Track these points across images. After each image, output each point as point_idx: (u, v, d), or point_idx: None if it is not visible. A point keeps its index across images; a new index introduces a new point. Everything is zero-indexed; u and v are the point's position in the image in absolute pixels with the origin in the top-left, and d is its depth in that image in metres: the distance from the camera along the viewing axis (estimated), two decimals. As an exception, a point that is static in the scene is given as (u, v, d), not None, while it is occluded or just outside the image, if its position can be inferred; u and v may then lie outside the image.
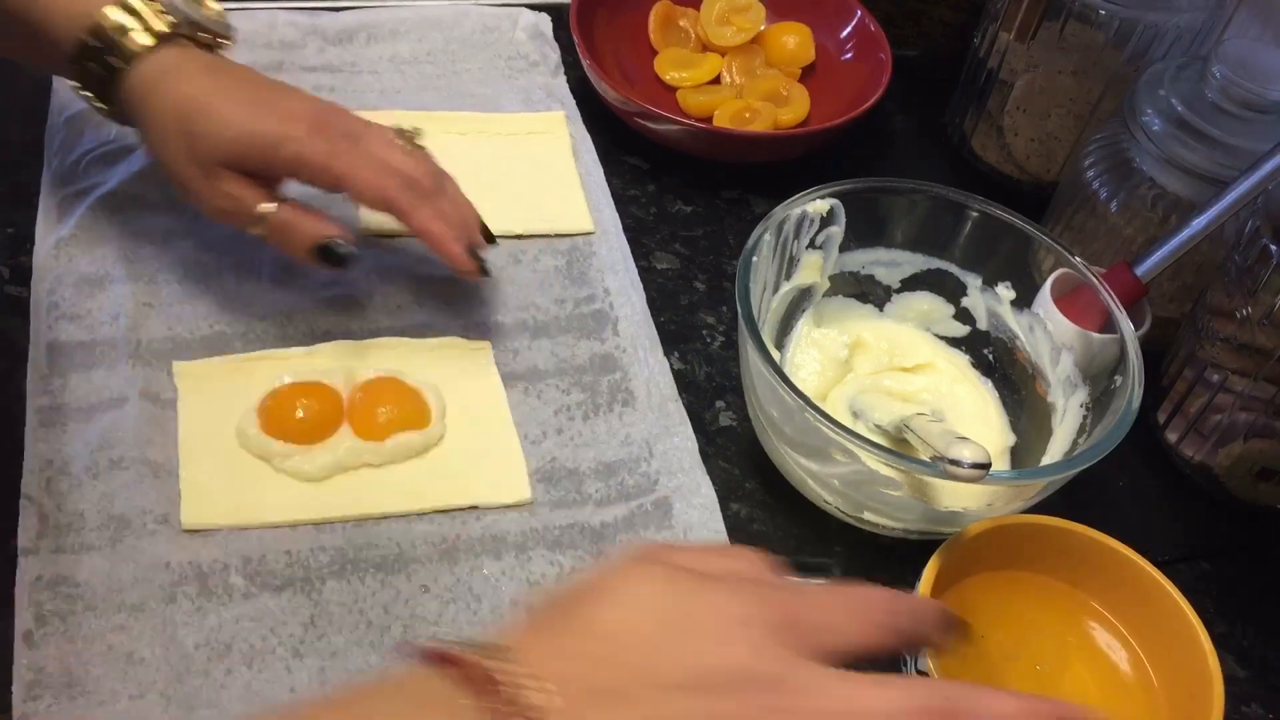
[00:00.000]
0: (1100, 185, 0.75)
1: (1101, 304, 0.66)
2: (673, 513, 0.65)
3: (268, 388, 0.65)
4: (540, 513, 0.64)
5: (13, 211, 0.71)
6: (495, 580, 0.61)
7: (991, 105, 0.87)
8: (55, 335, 0.66)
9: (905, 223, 0.72)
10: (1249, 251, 0.66)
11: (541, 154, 0.84)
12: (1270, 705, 0.64)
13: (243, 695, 0.55)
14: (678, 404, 0.70)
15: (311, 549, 0.60)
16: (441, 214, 0.67)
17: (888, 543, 0.65)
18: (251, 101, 0.65)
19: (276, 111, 0.65)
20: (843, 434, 0.58)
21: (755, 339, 0.61)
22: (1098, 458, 0.59)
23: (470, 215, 0.69)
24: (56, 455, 0.61)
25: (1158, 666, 0.59)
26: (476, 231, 0.70)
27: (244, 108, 0.64)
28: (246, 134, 0.64)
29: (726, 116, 0.87)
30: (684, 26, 0.94)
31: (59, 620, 0.55)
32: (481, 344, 0.71)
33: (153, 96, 0.64)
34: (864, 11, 0.93)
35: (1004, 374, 0.72)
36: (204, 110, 0.64)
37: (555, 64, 0.91)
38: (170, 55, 0.65)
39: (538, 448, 0.67)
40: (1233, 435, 0.70)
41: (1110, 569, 0.60)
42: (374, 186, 0.65)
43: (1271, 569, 0.70)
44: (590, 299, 0.75)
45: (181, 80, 0.64)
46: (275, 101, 0.66)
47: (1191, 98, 0.71)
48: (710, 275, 0.79)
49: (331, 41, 0.87)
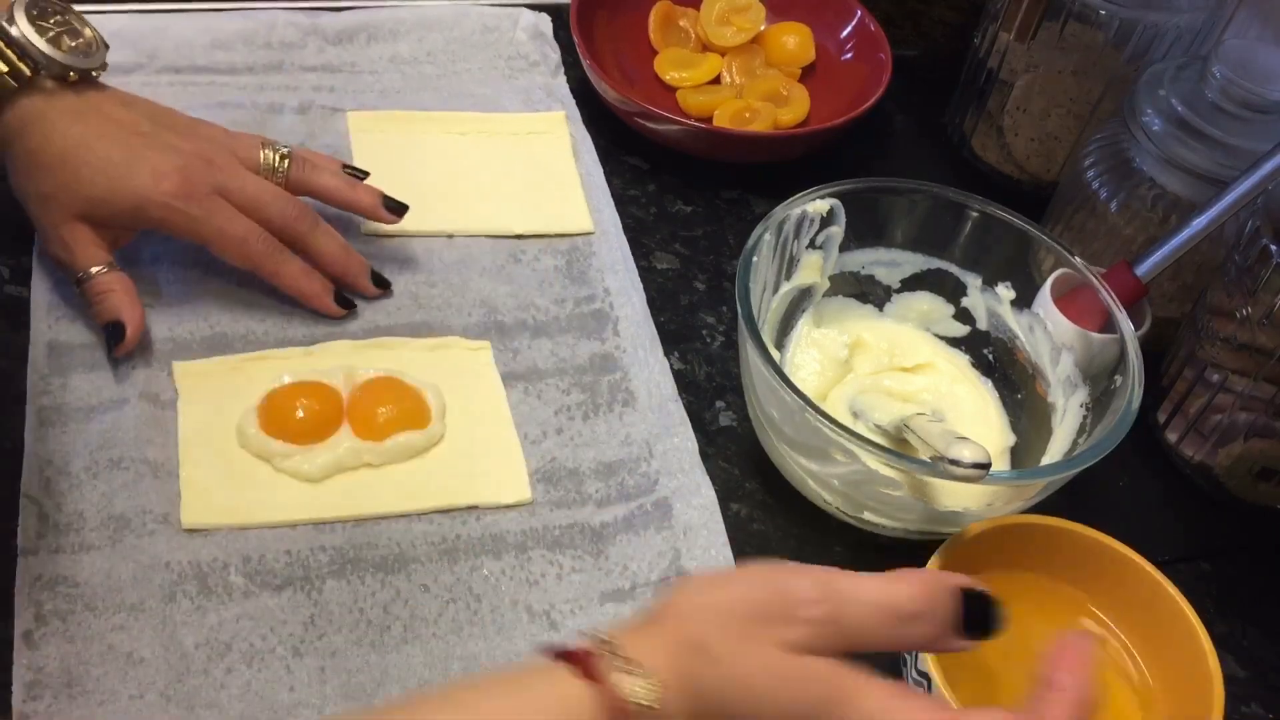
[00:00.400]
0: (1100, 185, 0.75)
1: (1101, 304, 0.66)
2: (672, 513, 0.65)
3: (267, 388, 0.65)
4: (540, 513, 0.64)
5: (12, 211, 0.71)
6: (495, 580, 0.61)
7: (991, 105, 0.87)
8: (55, 335, 0.66)
9: (905, 223, 0.72)
10: (1249, 251, 0.66)
11: (541, 154, 0.84)
12: (1270, 705, 0.64)
13: (242, 695, 0.55)
14: (678, 404, 0.70)
15: (311, 549, 0.60)
16: (312, 264, 0.69)
17: (887, 543, 0.65)
18: (119, 157, 0.64)
19: (142, 170, 0.64)
20: (843, 434, 0.58)
21: (755, 339, 0.61)
22: (1098, 458, 0.59)
23: (340, 252, 0.70)
24: (56, 455, 0.61)
25: (1157, 666, 0.59)
26: (352, 266, 0.71)
27: (109, 165, 0.64)
28: (107, 195, 0.64)
29: (726, 116, 0.87)
30: (684, 26, 0.94)
31: (59, 620, 0.55)
32: (481, 344, 0.71)
33: (17, 144, 0.64)
34: (864, 11, 0.93)
35: (1004, 374, 0.72)
36: (70, 161, 0.64)
37: (555, 64, 0.91)
38: (34, 102, 0.64)
39: (537, 448, 0.67)
40: (1233, 435, 0.70)
41: (1110, 569, 0.60)
42: (239, 253, 0.67)
43: (1271, 569, 0.70)
44: (590, 299, 0.75)
45: (47, 129, 0.64)
46: (142, 156, 0.65)
47: (1191, 98, 0.71)
48: (710, 275, 0.79)
49: (331, 41, 0.87)
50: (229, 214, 0.66)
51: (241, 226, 0.67)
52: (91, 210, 0.65)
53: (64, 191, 0.64)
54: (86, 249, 0.66)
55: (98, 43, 0.68)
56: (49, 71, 0.64)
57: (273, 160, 0.69)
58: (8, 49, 0.63)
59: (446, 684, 0.44)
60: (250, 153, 0.69)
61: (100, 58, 0.67)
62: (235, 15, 0.87)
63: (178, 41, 0.84)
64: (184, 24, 0.85)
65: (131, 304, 0.66)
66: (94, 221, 0.65)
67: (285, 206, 0.68)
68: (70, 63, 0.65)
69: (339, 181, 0.72)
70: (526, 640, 0.59)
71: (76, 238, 0.65)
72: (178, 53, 0.83)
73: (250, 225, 0.67)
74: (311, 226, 0.69)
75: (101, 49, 0.68)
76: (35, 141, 0.64)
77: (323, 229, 0.70)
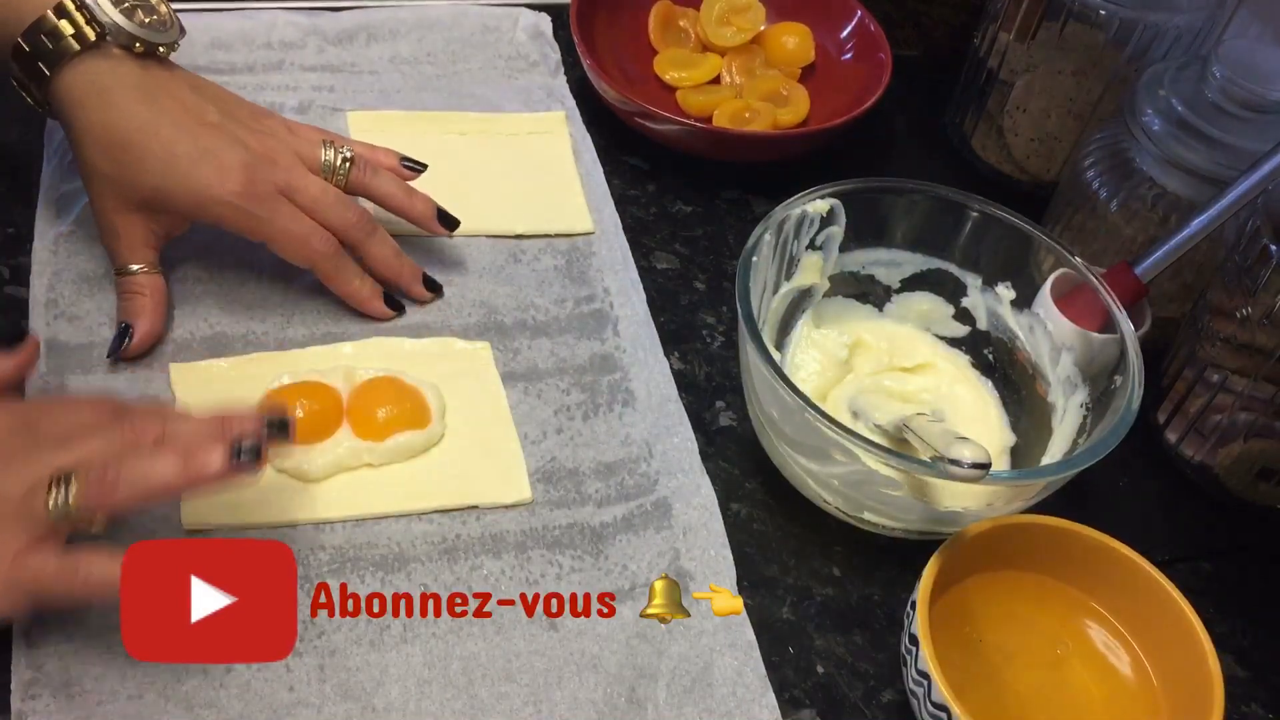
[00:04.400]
0: (1100, 185, 0.75)
1: (1101, 304, 0.66)
2: (672, 513, 0.65)
3: (267, 388, 0.65)
4: (540, 512, 0.64)
5: (12, 211, 0.71)
6: (495, 580, 0.61)
7: (991, 105, 0.87)
8: (54, 334, 0.66)
9: (905, 223, 0.72)
10: (1249, 251, 0.66)
11: (541, 154, 0.84)
12: (1270, 705, 0.64)
13: (241, 694, 0.55)
14: (678, 404, 0.70)
15: (311, 549, 0.60)
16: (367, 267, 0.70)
17: (887, 543, 0.65)
18: (184, 149, 0.64)
19: (208, 166, 0.64)
20: (843, 434, 0.58)
21: (755, 339, 0.61)
22: (1098, 458, 0.59)
23: (393, 258, 0.71)
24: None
25: (1158, 666, 0.59)
26: (405, 272, 0.71)
27: (174, 157, 0.63)
28: (170, 187, 0.63)
29: (726, 116, 0.87)
30: (684, 26, 0.94)
31: (58, 619, 0.55)
32: (481, 343, 0.71)
33: (79, 114, 0.63)
34: (864, 11, 0.93)
35: (1004, 374, 0.72)
36: (134, 148, 0.63)
37: (555, 64, 0.91)
38: (99, 68, 0.63)
39: (537, 447, 0.67)
40: (1233, 435, 0.70)
41: (1110, 569, 0.60)
42: (301, 253, 0.67)
43: (1271, 569, 0.70)
44: (590, 299, 0.75)
45: (111, 105, 0.63)
46: (209, 151, 0.64)
47: (1191, 98, 0.71)
48: (710, 275, 0.79)
49: (331, 41, 0.87)
50: (291, 214, 0.66)
51: (304, 227, 0.66)
52: (150, 200, 0.64)
53: (125, 176, 0.64)
54: (134, 244, 0.65)
55: (172, 21, 0.67)
56: (116, 39, 0.64)
57: (334, 161, 0.69)
58: (76, 11, 0.63)
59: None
60: (312, 150, 0.69)
61: (173, 35, 0.67)
62: (235, 15, 0.87)
63: (177, 41, 0.84)
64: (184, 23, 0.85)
65: (153, 312, 0.66)
66: (151, 209, 0.65)
67: (345, 212, 0.68)
68: (140, 34, 0.65)
69: (396, 189, 0.71)
70: (526, 640, 0.59)
71: (129, 229, 0.65)
72: (178, 52, 0.83)
73: (312, 226, 0.67)
74: (370, 233, 0.69)
75: (175, 28, 0.68)
76: (99, 115, 0.63)
77: (380, 235, 0.70)
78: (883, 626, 0.63)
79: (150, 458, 0.52)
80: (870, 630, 0.63)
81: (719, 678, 0.59)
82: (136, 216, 0.65)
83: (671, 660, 0.59)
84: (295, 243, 0.67)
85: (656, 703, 0.58)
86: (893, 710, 0.60)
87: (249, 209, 0.65)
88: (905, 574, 0.63)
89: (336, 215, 0.68)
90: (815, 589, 0.64)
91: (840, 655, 0.62)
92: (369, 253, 0.70)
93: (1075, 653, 0.60)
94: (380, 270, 0.70)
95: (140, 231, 0.66)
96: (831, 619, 0.63)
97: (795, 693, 0.60)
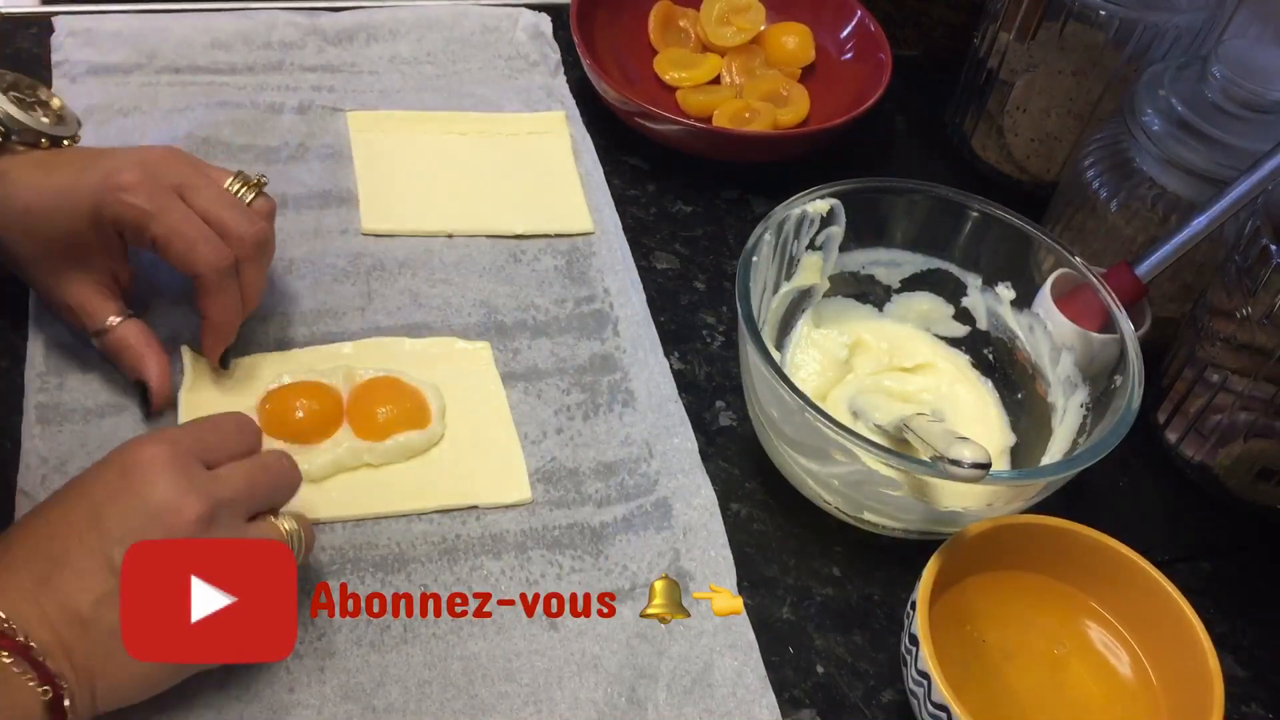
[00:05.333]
0: (1100, 185, 0.75)
1: (1101, 304, 0.66)
2: (672, 513, 0.65)
3: (267, 388, 0.65)
4: (540, 512, 0.64)
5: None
6: (495, 580, 0.61)
7: (991, 105, 0.87)
8: (53, 334, 0.66)
9: (905, 223, 0.72)
10: (1249, 251, 0.66)
11: (542, 154, 0.84)
12: (1270, 705, 0.64)
13: (242, 695, 0.55)
14: (678, 404, 0.70)
15: (311, 549, 0.60)
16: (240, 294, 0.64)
17: (888, 543, 0.65)
18: (76, 168, 0.62)
19: (95, 174, 0.61)
20: (843, 434, 0.58)
21: (755, 339, 0.61)
22: (1098, 458, 0.59)
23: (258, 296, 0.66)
24: (53, 454, 0.61)
25: (1158, 666, 0.59)
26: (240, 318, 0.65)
27: (68, 174, 0.61)
28: (68, 212, 0.61)
29: (726, 116, 0.87)
30: (684, 26, 0.95)
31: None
32: (481, 343, 0.71)
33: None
34: (864, 11, 0.93)
35: (1004, 374, 0.72)
36: (32, 209, 0.61)
37: (555, 64, 0.91)
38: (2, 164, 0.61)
39: (538, 447, 0.67)
40: (1233, 435, 0.70)
41: (1110, 569, 0.60)
42: (186, 259, 0.61)
43: (1271, 569, 0.70)
44: (590, 299, 0.75)
45: (10, 181, 0.61)
46: (96, 164, 0.62)
47: (1191, 98, 0.71)
48: (710, 275, 0.79)
49: (331, 41, 0.87)
50: (184, 213, 0.61)
51: (195, 230, 0.61)
52: (69, 241, 0.62)
53: (38, 237, 0.61)
54: (91, 301, 0.63)
55: (70, 115, 0.66)
56: (21, 138, 0.62)
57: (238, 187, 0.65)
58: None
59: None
60: (220, 173, 0.65)
61: (73, 129, 0.65)
62: (235, 15, 0.87)
63: (177, 41, 0.84)
64: (184, 24, 0.85)
65: (153, 357, 0.63)
66: (76, 256, 0.62)
67: (245, 221, 0.63)
68: (44, 129, 0.63)
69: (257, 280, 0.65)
70: (526, 640, 0.59)
71: (79, 293, 0.63)
72: (177, 53, 0.83)
73: (207, 232, 0.62)
74: (262, 253, 0.64)
75: (74, 121, 0.66)
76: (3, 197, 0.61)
77: (266, 262, 0.65)
78: (883, 626, 0.63)
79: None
80: (870, 630, 0.63)
81: (719, 678, 0.59)
82: (74, 275, 0.63)
83: (672, 660, 0.59)
84: (184, 244, 0.61)
85: (657, 703, 0.58)
86: (893, 710, 0.60)
87: (138, 203, 0.60)
88: (905, 574, 0.63)
89: (235, 221, 0.62)
90: (815, 589, 0.64)
91: (840, 655, 0.62)
92: (248, 273, 0.64)
93: (1075, 653, 0.60)
94: (246, 301, 0.65)
95: (88, 288, 0.63)
96: (831, 619, 0.63)
97: (795, 693, 0.60)
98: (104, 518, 0.49)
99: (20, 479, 0.60)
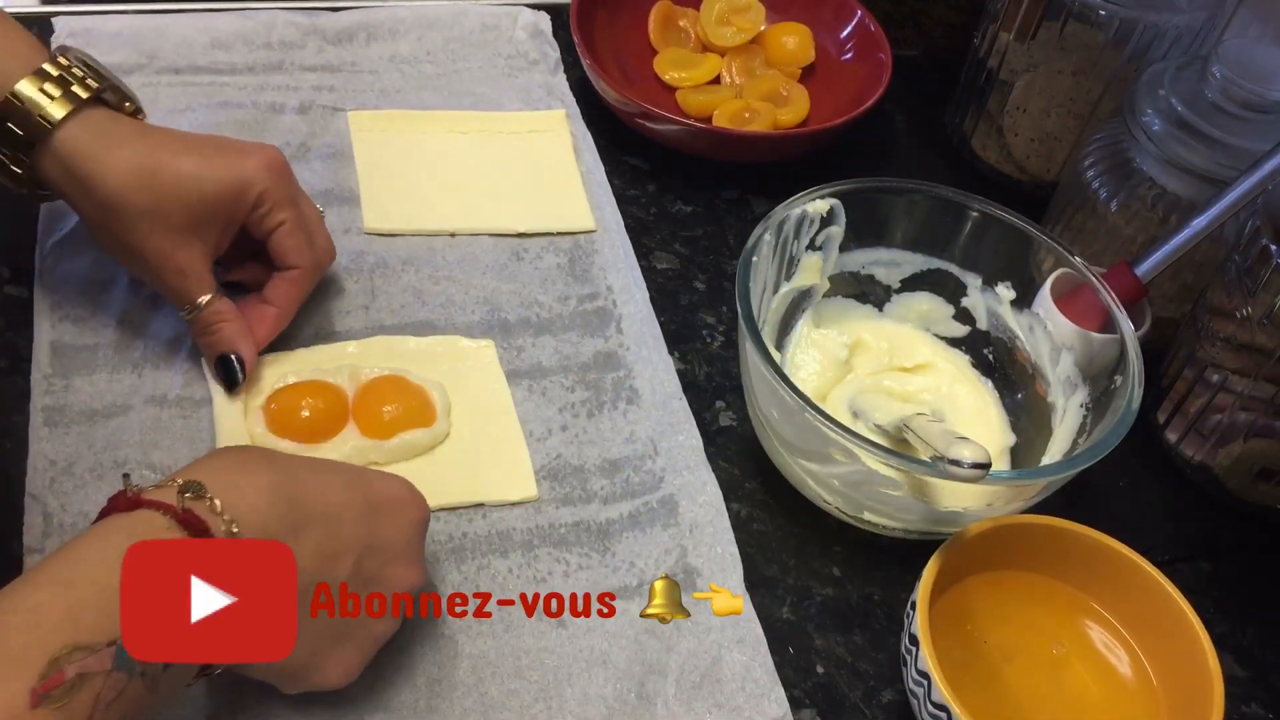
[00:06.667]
0: (1100, 185, 0.75)
1: (1101, 304, 0.66)
2: (678, 510, 0.65)
3: (272, 388, 0.66)
4: (546, 510, 0.64)
5: (13, 211, 0.71)
6: (502, 578, 0.61)
7: (991, 105, 0.87)
8: (58, 336, 0.66)
9: (905, 223, 0.72)
10: (1249, 251, 0.66)
11: (543, 152, 0.84)
12: (1270, 705, 0.64)
13: (255, 691, 0.55)
14: (682, 401, 0.70)
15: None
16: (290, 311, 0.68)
17: (887, 543, 0.65)
18: (208, 152, 0.63)
19: (234, 149, 0.64)
20: (843, 434, 0.58)
21: (755, 339, 0.61)
22: (1098, 458, 0.59)
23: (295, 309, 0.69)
24: (60, 455, 0.61)
25: (1158, 666, 0.59)
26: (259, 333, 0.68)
27: (204, 160, 0.62)
28: (214, 183, 0.62)
29: (726, 116, 0.87)
30: (684, 26, 0.95)
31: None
32: (485, 341, 0.71)
33: (86, 164, 0.60)
34: (864, 11, 0.93)
35: (1004, 374, 0.73)
36: (165, 169, 0.61)
37: (555, 62, 0.91)
38: (97, 119, 0.61)
39: (542, 445, 0.67)
40: (1233, 435, 0.70)
41: (1110, 569, 0.60)
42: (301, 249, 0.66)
43: (1271, 569, 0.70)
44: (593, 296, 0.75)
45: (123, 142, 0.60)
46: (226, 146, 0.64)
47: (1191, 98, 0.71)
48: (710, 275, 0.80)
49: (331, 41, 0.87)
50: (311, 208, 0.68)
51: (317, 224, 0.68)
52: (199, 213, 0.62)
53: (164, 203, 0.61)
54: (200, 274, 0.63)
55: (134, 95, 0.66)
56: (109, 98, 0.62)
57: None
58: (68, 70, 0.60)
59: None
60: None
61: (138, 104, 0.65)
62: (235, 15, 0.87)
63: (178, 41, 0.84)
64: (184, 24, 0.85)
65: (246, 334, 0.65)
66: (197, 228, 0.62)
67: (328, 235, 0.69)
68: (129, 93, 0.64)
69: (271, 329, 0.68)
70: (534, 637, 0.59)
71: (191, 262, 0.63)
72: (178, 53, 0.83)
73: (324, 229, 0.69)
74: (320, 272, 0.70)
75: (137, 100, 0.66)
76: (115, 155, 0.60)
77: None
78: (883, 626, 0.63)
79: None
80: (870, 630, 0.63)
81: (728, 673, 0.59)
82: (194, 241, 0.63)
83: (680, 656, 0.59)
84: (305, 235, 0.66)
85: (666, 698, 0.58)
86: (893, 710, 0.60)
87: (281, 183, 0.64)
88: (905, 574, 0.63)
89: (325, 233, 0.69)
90: (815, 589, 0.64)
91: (840, 655, 0.62)
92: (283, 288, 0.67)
93: (1075, 653, 0.60)
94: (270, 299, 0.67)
95: (199, 260, 0.63)
96: (831, 619, 0.63)
97: (795, 693, 0.60)
98: (375, 525, 0.53)
99: (29, 482, 0.60)
